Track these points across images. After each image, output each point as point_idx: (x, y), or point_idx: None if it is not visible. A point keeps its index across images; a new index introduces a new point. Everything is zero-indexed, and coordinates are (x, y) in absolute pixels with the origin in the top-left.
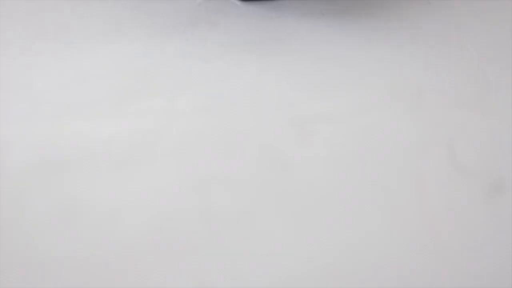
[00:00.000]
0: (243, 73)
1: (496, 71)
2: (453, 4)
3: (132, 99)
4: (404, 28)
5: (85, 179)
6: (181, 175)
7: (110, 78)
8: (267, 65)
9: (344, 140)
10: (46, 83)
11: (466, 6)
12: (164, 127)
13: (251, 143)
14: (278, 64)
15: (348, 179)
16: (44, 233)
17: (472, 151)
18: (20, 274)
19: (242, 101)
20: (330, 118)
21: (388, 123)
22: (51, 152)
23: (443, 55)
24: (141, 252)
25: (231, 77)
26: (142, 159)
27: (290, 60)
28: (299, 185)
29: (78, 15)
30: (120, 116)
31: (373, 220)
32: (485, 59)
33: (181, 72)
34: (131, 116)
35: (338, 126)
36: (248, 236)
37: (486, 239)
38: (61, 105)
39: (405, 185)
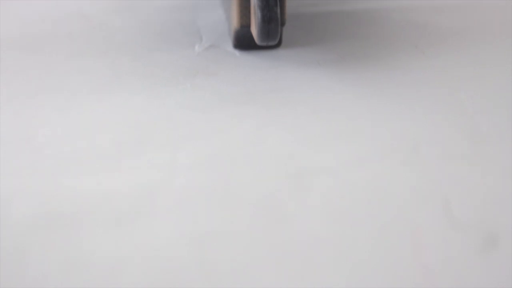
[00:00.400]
0: (243, 125)
1: (490, 122)
2: (447, 54)
3: (133, 153)
4: (399, 78)
5: (86, 233)
6: (181, 229)
7: (111, 132)
8: (266, 116)
9: (341, 194)
10: (48, 137)
11: (460, 57)
12: (164, 181)
13: (250, 197)
14: (277, 116)
15: (344, 232)
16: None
17: (467, 204)
18: None
19: (242, 154)
20: (328, 171)
21: (384, 176)
22: (52, 206)
23: (438, 106)
24: None
25: (231, 129)
26: (142, 213)
27: (289, 111)
28: (297, 237)
29: (79, 69)
30: (120, 170)
31: (369, 272)
32: (479, 110)
33: (181, 124)
34: (132, 170)
35: (335, 179)
36: None
37: None
38: (62, 159)
39: (401, 238)
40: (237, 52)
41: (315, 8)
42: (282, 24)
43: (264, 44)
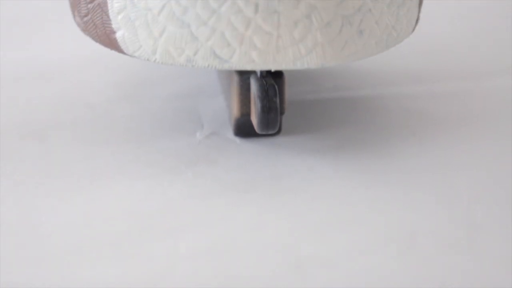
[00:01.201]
0: (243, 213)
1: (485, 212)
2: (444, 142)
3: (135, 242)
4: (396, 166)
5: None
6: None
7: (114, 221)
8: (266, 204)
9: (339, 284)
10: (52, 225)
11: (456, 144)
12: (166, 271)
13: None
14: (277, 204)
15: None
16: None
17: None
18: None
19: (242, 243)
20: (326, 261)
21: (381, 266)
22: None
23: (434, 195)
24: None
25: (231, 218)
26: None
27: (288, 199)
28: None
29: (83, 157)
30: (123, 260)
31: None
32: (475, 200)
33: (182, 213)
34: (134, 260)
35: (333, 269)
36: None
37: None
38: (65, 248)
39: None
40: (237, 139)
41: (313, 95)
42: (282, 113)
43: (264, 133)
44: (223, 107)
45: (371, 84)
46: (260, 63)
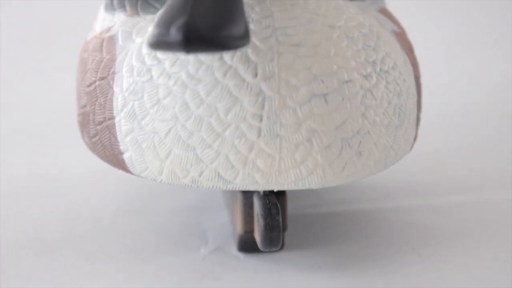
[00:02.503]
0: None
1: None
2: (443, 256)
3: None
4: (396, 282)
5: None
6: None
7: None
8: None
9: None
10: None
11: (456, 258)
12: None
13: None
14: None
15: None
16: None
17: None
18: None
19: None
20: None
21: None
22: None
23: None
24: None
25: None
26: None
27: None
28: None
29: (90, 272)
30: None
31: None
32: None
33: None
34: None
35: None
36: None
37: None
38: None
39: None
40: (241, 255)
41: (314, 209)
42: (284, 229)
43: (267, 250)
44: (227, 222)
45: (371, 197)
46: (263, 184)
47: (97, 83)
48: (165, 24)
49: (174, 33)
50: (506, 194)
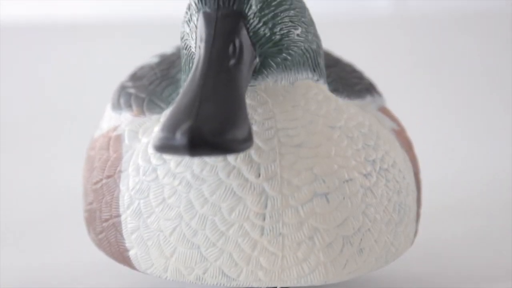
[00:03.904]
0: None
1: None
2: None
3: None
4: None
5: None
6: None
7: None
8: None
9: None
10: None
11: None
12: None
13: None
14: None
15: None
16: None
17: None
18: None
19: None
20: None
21: None
22: None
23: None
24: None
25: None
26: None
27: None
28: None
29: None
30: None
31: None
32: None
33: None
34: None
35: None
36: None
37: None
38: None
39: None
40: None
41: None
42: None
43: None
44: None
45: None
46: (266, 282)
47: (103, 181)
48: (170, 128)
49: (179, 137)
50: (506, 285)
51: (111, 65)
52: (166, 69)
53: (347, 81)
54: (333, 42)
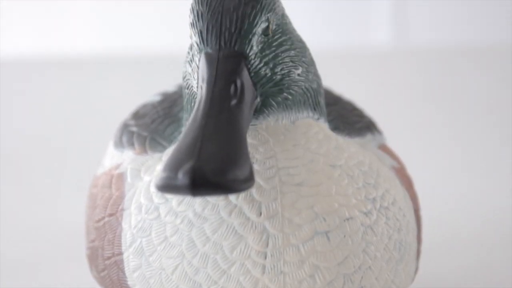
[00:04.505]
0: None
1: None
2: None
3: None
4: None
5: None
6: None
7: None
8: None
9: None
10: None
11: None
12: None
13: None
14: None
15: None
16: None
17: None
18: None
19: None
20: None
21: None
22: None
23: None
24: None
25: None
26: None
27: None
28: None
29: None
30: None
31: None
32: None
33: None
34: None
35: None
36: None
37: None
38: None
39: None
40: None
41: None
42: None
43: None
44: None
45: None
46: None
47: (106, 219)
48: (172, 168)
49: (181, 177)
50: None
51: (113, 100)
52: (168, 107)
53: (348, 119)
54: (334, 76)
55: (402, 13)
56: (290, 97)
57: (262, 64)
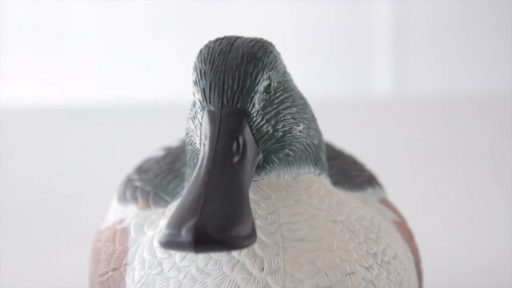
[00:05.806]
0: None
1: None
2: None
3: None
4: None
5: None
6: None
7: None
8: None
9: None
10: None
11: None
12: None
13: None
14: None
15: None
16: None
17: None
18: None
19: None
20: None
21: None
22: None
23: None
24: None
25: None
26: None
27: None
28: None
29: None
30: None
31: None
32: None
33: None
34: None
35: None
36: None
37: None
38: None
39: None
40: None
41: None
42: None
43: None
44: None
45: None
46: None
47: (109, 273)
48: (176, 225)
49: (185, 234)
50: None
51: (116, 150)
52: (171, 162)
53: (349, 173)
54: (335, 125)
55: (403, 63)
56: (291, 153)
57: (264, 121)
